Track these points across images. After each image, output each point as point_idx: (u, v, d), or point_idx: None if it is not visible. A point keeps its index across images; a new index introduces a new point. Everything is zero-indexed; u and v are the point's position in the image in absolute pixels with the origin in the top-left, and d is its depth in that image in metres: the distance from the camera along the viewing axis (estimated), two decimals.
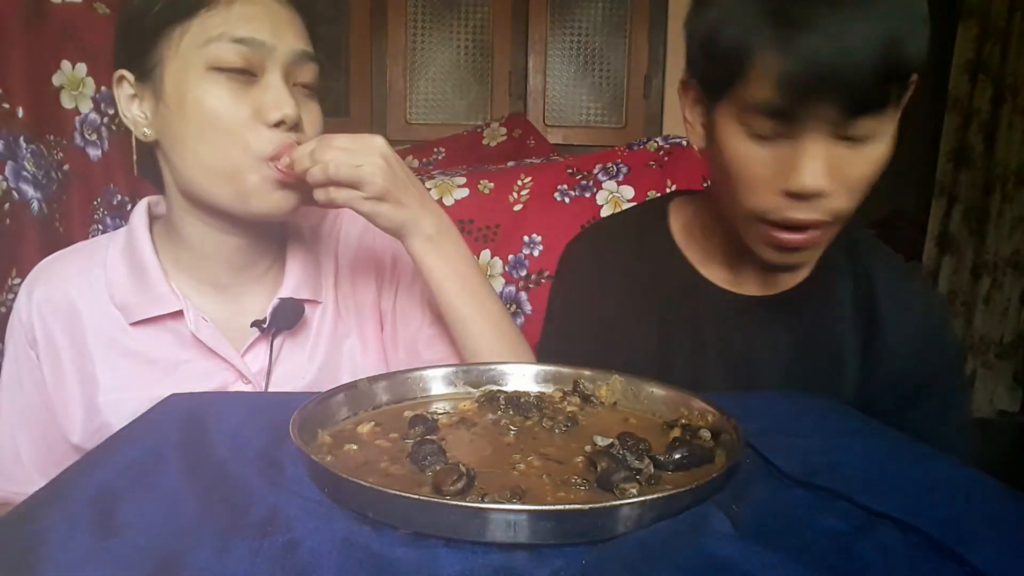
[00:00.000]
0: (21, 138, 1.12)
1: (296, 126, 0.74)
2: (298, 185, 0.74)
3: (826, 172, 0.66)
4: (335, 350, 0.85)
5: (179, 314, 0.79)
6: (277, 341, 0.82)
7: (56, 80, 1.20)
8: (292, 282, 0.83)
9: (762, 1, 0.65)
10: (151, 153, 0.80)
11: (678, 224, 0.89)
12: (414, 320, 0.90)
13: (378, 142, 0.74)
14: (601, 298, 0.88)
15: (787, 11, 0.63)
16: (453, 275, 0.79)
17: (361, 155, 0.72)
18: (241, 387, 0.80)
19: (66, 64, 1.20)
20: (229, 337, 0.80)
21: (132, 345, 0.79)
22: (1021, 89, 3.11)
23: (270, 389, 0.80)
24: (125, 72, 0.76)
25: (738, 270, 0.84)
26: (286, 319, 0.81)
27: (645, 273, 0.87)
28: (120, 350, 0.78)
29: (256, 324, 0.80)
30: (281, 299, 0.82)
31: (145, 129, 0.76)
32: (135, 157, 0.83)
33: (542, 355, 0.91)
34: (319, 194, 0.73)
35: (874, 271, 0.83)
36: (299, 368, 0.83)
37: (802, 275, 0.83)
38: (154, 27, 0.73)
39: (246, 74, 0.72)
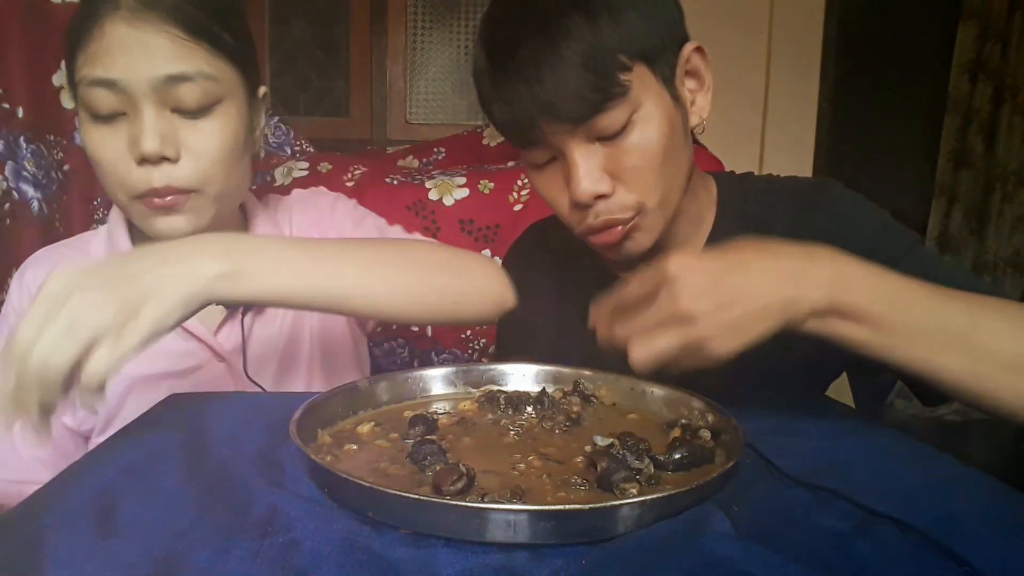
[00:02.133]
0: (21, 138, 1.12)
1: (169, 157, 0.73)
2: (184, 209, 0.75)
3: (598, 175, 0.70)
4: (299, 321, 0.88)
5: None
6: (247, 320, 0.84)
7: (56, 80, 1.20)
8: None
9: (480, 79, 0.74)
10: None
11: None
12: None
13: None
14: (540, 295, 0.90)
15: (481, 96, 0.75)
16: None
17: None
18: (216, 365, 0.82)
19: None
20: (201, 318, 0.78)
21: None
22: (1021, 89, 3.11)
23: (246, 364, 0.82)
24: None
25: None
26: None
27: (580, 268, 0.90)
28: None
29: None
30: None
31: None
32: None
33: (499, 348, 0.98)
34: None
35: (770, 212, 0.82)
36: (271, 340, 0.85)
37: (696, 249, 0.82)
38: (69, 54, 0.74)
39: (117, 113, 0.73)
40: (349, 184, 1.42)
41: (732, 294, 0.55)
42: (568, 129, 0.69)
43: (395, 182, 1.56)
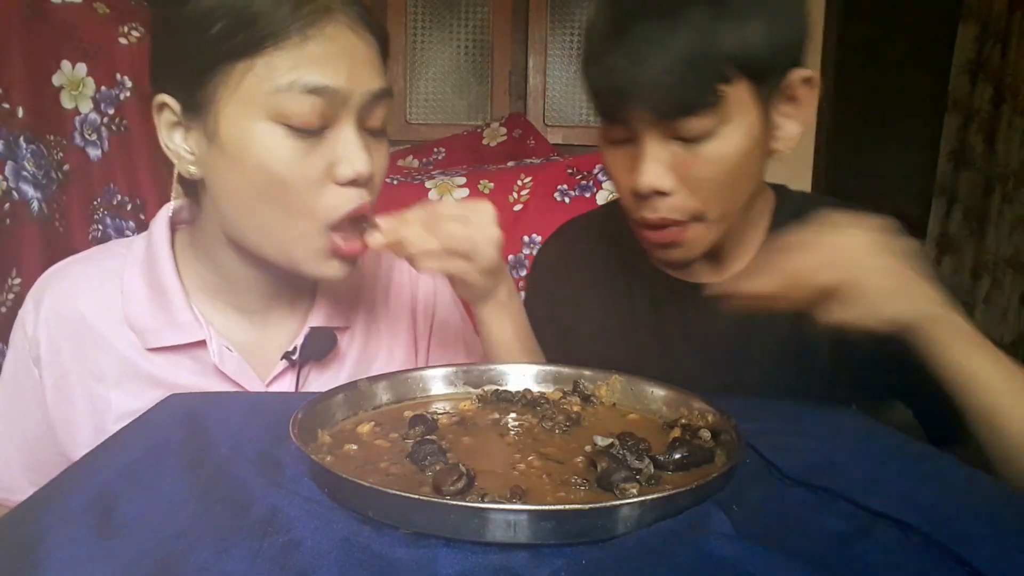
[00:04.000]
0: (21, 138, 1.12)
1: (369, 178, 0.67)
2: (357, 256, 0.70)
3: (663, 172, 0.69)
4: (363, 373, 0.81)
5: (201, 343, 0.73)
6: (304, 369, 0.77)
7: (56, 80, 1.20)
8: (324, 310, 0.79)
9: (591, 36, 0.72)
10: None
11: None
12: (449, 348, 0.89)
13: (491, 212, 0.70)
14: (572, 297, 0.89)
15: (586, 50, 0.72)
16: (515, 338, 0.79)
17: (479, 228, 0.68)
18: None
19: (66, 64, 1.20)
20: (253, 365, 0.75)
21: (149, 369, 0.73)
22: (1021, 89, 3.10)
23: None
24: (168, 99, 0.67)
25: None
26: (317, 350, 0.77)
27: (611, 270, 0.89)
28: (136, 373, 0.73)
29: (286, 356, 0.76)
30: (312, 328, 0.77)
31: (191, 167, 0.68)
32: (174, 180, 0.74)
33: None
34: (427, 262, 0.68)
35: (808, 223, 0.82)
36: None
37: (746, 255, 0.82)
38: (211, 59, 0.64)
39: (320, 128, 0.65)
40: None
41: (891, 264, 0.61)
42: (651, 118, 0.67)
43: (395, 182, 1.57)
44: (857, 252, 0.61)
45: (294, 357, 0.76)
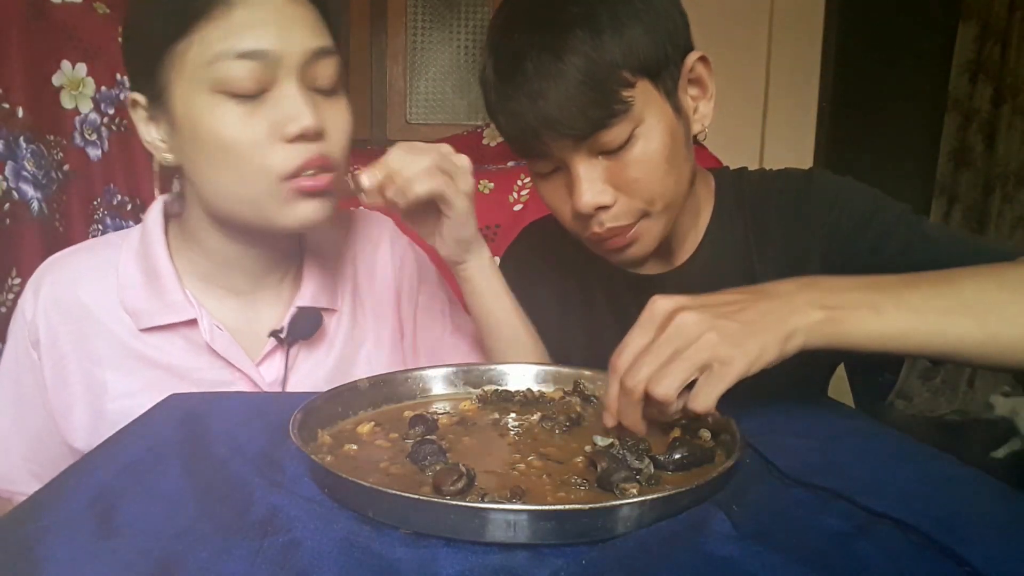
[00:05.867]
0: (21, 138, 1.12)
1: (318, 134, 0.69)
2: (327, 192, 0.71)
3: (600, 188, 0.71)
4: (351, 356, 0.84)
5: (193, 322, 0.76)
6: (293, 350, 0.79)
7: (56, 80, 1.19)
8: (310, 290, 0.81)
9: (487, 89, 0.74)
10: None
11: None
12: (436, 328, 0.91)
13: (451, 148, 0.72)
14: (536, 292, 0.90)
15: (487, 102, 0.75)
16: (504, 291, 0.80)
17: (452, 154, 0.71)
18: None
19: (66, 64, 1.20)
20: (244, 346, 0.78)
21: (144, 350, 0.76)
22: (1021, 89, 3.11)
23: None
24: (137, 96, 0.72)
25: None
26: (304, 329, 0.79)
27: (572, 266, 0.90)
28: (131, 355, 0.76)
29: (274, 334, 0.78)
30: (299, 308, 0.80)
31: (166, 155, 0.73)
32: (157, 170, 0.78)
33: None
34: (420, 184, 0.68)
35: (765, 203, 0.83)
36: (314, 375, 0.81)
37: (695, 242, 0.84)
38: (156, 46, 0.68)
39: (259, 91, 0.67)
40: None
41: (738, 319, 0.55)
42: (571, 144, 0.69)
43: None
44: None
45: (281, 336, 0.78)
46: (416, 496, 0.41)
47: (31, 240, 1.12)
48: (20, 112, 1.12)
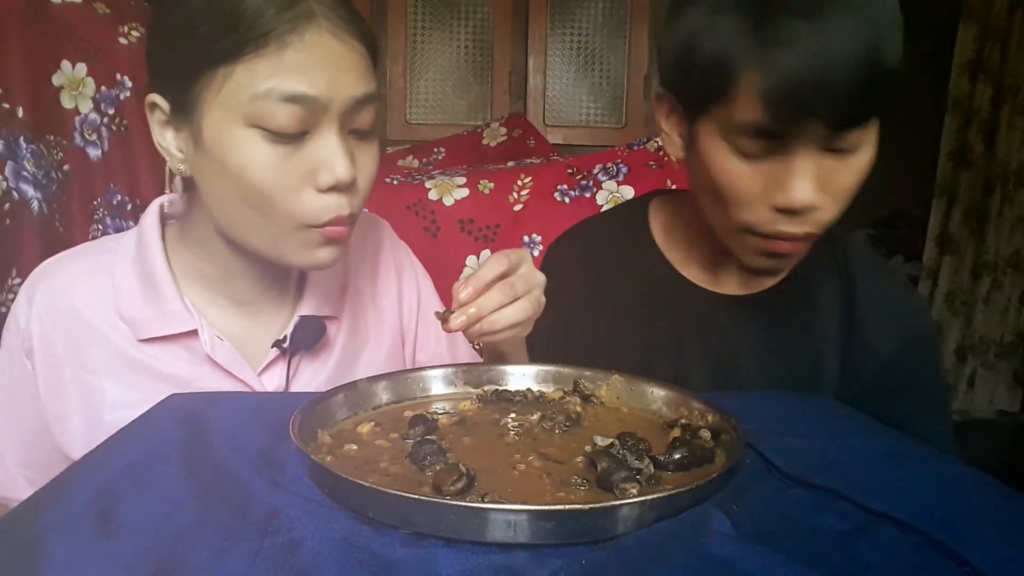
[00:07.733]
0: (21, 138, 1.12)
1: (351, 185, 0.67)
2: (345, 239, 0.70)
3: (816, 187, 0.66)
4: (351, 362, 0.83)
5: (193, 332, 0.74)
6: (295, 359, 0.79)
7: (56, 80, 1.19)
8: (313, 299, 0.81)
9: (742, 16, 0.63)
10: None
11: (658, 224, 0.89)
12: (435, 339, 0.92)
13: (529, 259, 0.68)
14: (583, 299, 0.88)
15: (768, 28, 0.61)
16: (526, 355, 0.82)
17: (537, 288, 0.67)
18: None
19: (66, 64, 1.20)
20: (245, 355, 0.76)
21: (143, 359, 0.74)
22: (1021, 89, 3.10)
23: None
24: (158, 99, 0.69)
25: (718, 270, 0.84)
26: (307, 338, 0.78)
27: (626, 273, 0.88)
28: (130, 364, 0.74)
29: (276, 344, 0.77)
30: (302, 317, 0.79)
31: (180, 165, 0.70)
32: (168, 172, 0.76)
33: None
34: (518, 329, 0.66)
35: (855, 271, 0.82)
36: (315, 381, 0.80)
37: (782, 274, 0.83)
38: (195, 61, 0.64)
39: (300, 133, 0.65)
40: None
41: None
42: (823, 132, 0.64)
43: (395, 182, 1.57)
44: None
45: (285, 346, 0.77)
46: (416, 496, 0.41)
47: (31, 240, 1.12)
48: (20, 112, 1.12)
